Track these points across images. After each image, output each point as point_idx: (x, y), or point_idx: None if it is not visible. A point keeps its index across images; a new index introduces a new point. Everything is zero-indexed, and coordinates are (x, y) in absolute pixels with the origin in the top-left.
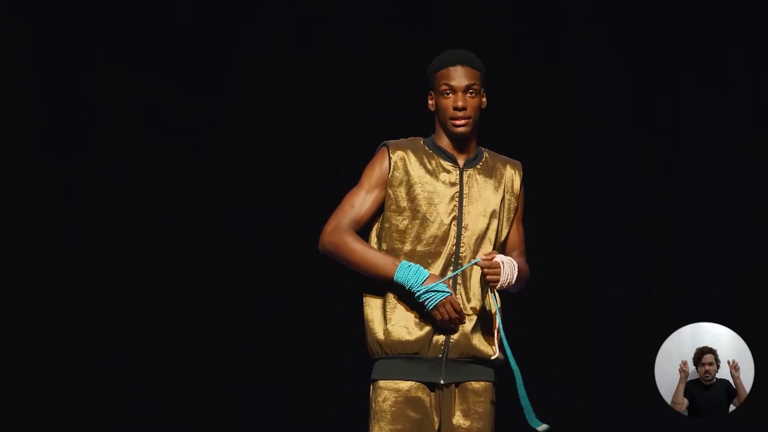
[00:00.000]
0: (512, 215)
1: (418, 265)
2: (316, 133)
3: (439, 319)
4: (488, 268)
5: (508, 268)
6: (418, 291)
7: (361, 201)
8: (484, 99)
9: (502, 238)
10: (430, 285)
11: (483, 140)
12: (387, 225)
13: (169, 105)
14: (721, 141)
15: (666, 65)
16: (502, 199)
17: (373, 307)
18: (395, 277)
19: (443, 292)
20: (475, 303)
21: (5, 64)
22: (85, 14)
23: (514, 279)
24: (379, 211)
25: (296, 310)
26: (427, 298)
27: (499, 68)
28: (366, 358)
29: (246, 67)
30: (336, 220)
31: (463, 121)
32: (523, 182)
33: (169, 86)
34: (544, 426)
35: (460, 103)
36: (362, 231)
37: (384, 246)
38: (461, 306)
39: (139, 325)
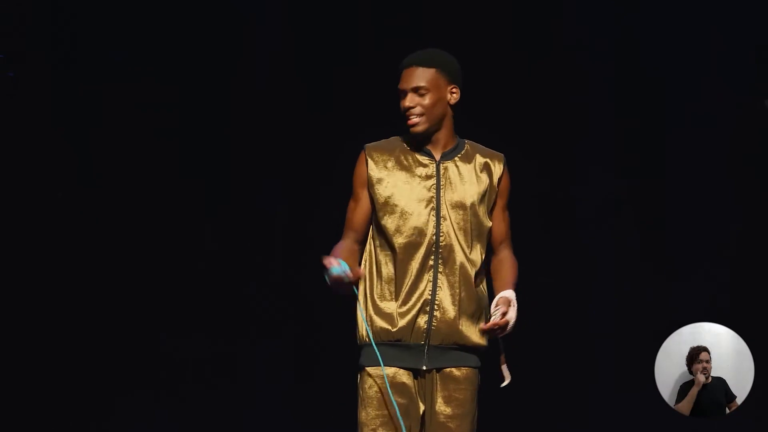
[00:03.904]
0: (492, 205)
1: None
2: (316, 134)
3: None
4: (502, 329)
5: (513, 313)
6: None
7: (353, 212)
8: (454, 94)
9: (486, 229)
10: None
11: (480, 139)
12: (376, 222)
13: (169, 105)
14: (716, 140)
15: (660, 66)
16: (482, 190)
17: (359, 294)
18: None
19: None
20: (459, 291)
21: (5, 64)
22: (85, 14)
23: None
24: (374, 210)
25: (296, 309)
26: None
27: (494, 67)
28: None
29: (246, 67)
30: (342, 235)
31: (415, 119)
32: (506, 173)
33: (169, 86)
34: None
35: (407, 103)
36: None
37: (377, 241)
38: (339, 274)
39: (139, 323)
